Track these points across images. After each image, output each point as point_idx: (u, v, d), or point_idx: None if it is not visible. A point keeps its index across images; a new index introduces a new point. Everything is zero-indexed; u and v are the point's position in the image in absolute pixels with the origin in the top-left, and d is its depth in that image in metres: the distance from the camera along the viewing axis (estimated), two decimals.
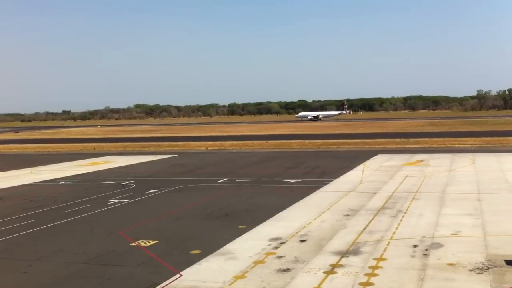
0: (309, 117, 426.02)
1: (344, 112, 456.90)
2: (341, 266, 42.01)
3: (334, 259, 43.85)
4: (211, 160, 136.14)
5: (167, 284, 38.93)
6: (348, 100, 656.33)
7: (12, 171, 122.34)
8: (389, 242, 48.90)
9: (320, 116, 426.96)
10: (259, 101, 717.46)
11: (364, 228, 54.69)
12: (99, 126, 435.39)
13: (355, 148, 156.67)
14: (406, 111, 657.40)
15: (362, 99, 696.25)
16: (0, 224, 62.11)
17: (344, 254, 45.35)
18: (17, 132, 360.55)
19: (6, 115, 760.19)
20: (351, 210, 64.64)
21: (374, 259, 43.55)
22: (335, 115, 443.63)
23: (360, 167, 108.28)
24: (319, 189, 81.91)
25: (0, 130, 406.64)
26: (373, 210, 63.98)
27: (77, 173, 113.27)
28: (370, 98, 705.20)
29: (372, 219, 59.28)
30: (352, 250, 46.44)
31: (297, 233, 53.60)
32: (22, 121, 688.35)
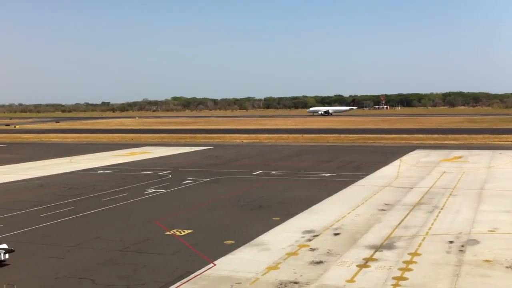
0: (319, 112, 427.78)
1: (354, 107, 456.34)
2: (375, 260, 41.80)
3: (367, 253, 43.66)
4: (246, 152, 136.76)
5: (201, 273, 39.45)
6: (386, 95, 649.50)
7: (53, 159, 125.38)
8: (424, 238, 48.40)
9: (330, 111, 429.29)
10: (295, 95, 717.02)
11: (399, 223, 54.23)
12: (137, 118, 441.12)
13: (392, 143, 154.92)
14: (445, 107, 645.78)
15: (400, 95, 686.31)
16: (40, 211, 63.89)
17: (378, 248, 45.10)
18: (58, 122, 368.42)
19: (47, 105, 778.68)
20: (386, 204, 64.13)
21: (409, 254, 43.19)
22: (345, 110, 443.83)
23: (396, 162, 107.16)
24: (353, 183, 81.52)
25: (42, 120, 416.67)
26: (409, 205, 63.34)
27: (115, 163, 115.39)
28: (408, 94, 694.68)
29: (408, 214, 58.72)
30: (387, 245, 46.14)
31: (330, 226, 53.53)
32: (63, 111, 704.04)
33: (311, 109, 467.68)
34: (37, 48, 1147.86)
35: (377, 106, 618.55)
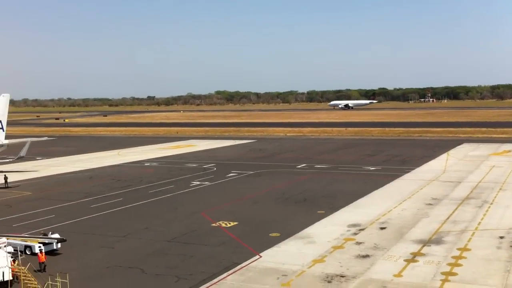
0: (340, 106, 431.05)
1: (374, 101, 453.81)
2: (423, 255, 41.26)
3: (415, 248, 43.13)
4: (289, 145, 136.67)
5: (247, 264, 39.82)
6: (432, 88, 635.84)
7: (101, 152, 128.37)
8: (473, 233, 47.46)
9: (350, 105, 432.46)
10: (339, 88, 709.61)
11: (448, 218, 53.30)
12: (181, 112, 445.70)
13: (439, 136, 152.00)
14: (493, 100, 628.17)
15: (446, 87, 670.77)
16: (90, 202, 65.62)
17: (426, 243, 44.48)
18: (106, 116, 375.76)
19: (95, 99, 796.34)
20: (433, 199, 63.10)
21: (458, 249, 42.46)
22: (366, 104, 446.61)
23: (443, 156, 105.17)
24: (399, 177, 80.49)
25: (90, 114, 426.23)
26: (457, 200, 62.17)
27: (161, 156, 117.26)
28: (455, 86, 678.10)
29: (456, 209, 57.64)
30: (435, 239, 45.47)
31: (377, 220, 53.06)
32: (110, 105, 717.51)
33: (332, 102, 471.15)
34: (85, 45, 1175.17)
35: (422, 99, 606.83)
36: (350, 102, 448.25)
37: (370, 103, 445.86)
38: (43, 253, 40.24)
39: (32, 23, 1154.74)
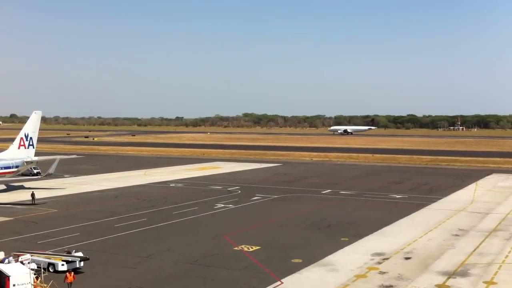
0: (339, 131, 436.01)
1: (373, 127, 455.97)
2: (448, 287, 40.40)
3: (440, 279, 42.26)
4: (315, 170, 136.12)
5: None
6: (462, 116, 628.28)
7: (128, 171, 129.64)
8: (500, 266, 46.36)
9: (349, 130, 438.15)
10: (367, 113, 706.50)
11: (474, 250, 52.23)
12: (209, 133, 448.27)
13: (467, 166, 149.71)
14: None
15: (476, 116, 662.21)
16: (114, 221, 66.12)
17: (451, 274, 43.57)
18: (134, 135, 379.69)
19: (125, 119, 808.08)
20: (460, 230, 61.95)
21: (484, 282, 41.49)
22: (365, 130, 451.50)
23: (471, 186, 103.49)
24: (426, 206, 79.33)
25: (119, 133, 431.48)
26: (485, 232, 60.93)
27: (186, 177, 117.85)
28: (485, 115, 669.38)
29: (483, 240, 56.46)
30: (460, 271, 44.51)
31: (401, 249, 52.24)
32: (139, 125, 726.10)
33: (332, 127, 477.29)
34: (116, 66, 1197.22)
35: (452, 127, 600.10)
36: (349, 128, 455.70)
37: (369, 129, 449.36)
38: (72, 274, 40.16)
39: (66, 44, 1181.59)
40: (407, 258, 48.80)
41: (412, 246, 53.44)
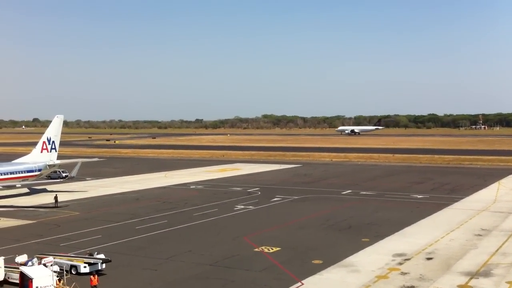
0: (346, 131, 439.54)
1: (380, 127, 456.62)
2: (470, 287, 39.94)
3: (462, 280, 41.81)
4: (335, 171, 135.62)
5: None
6: (483, 115, 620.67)
7: (148, 174, 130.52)
8: None
9: (356, 130, 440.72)
10: (386, 113, 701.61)
11: (497, 250, 51.56)
12: (228, 135, 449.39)
13: (490, 165, 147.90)
14: None
15: (498, 114, 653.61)
16: (135, 223, 66.63)
17: (473, 275, 43.08)
18: (154, 138, 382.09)
19: (145, 122, 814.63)
20: (483, 230, 61.22)
21: (507, 282, 40.92)
22: (372, 130, 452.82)
23: (494, 186, 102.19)
24: (448, 206, 78.54)
25: (139, 136, 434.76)
26: (508, 231, 60.08)
27: (206, 179, 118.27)
28: (508, 113, 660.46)
29: (506, 240, 55.70)
30: (483, 272, 43.99)
31: (423, 250, 51.80)
32: (159, 127, 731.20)
33: (339, 128, 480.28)
34: (136, 71, 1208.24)
35: (474, 126, 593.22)
36: (356, 128, 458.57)
37: (376, 129, 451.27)
38: (96, 276, 40.34)
39: (87, 49, 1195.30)
40: (429, 259, 48.38)
41: (434, 247, 52.96)
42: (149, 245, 54.91)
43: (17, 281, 40.03)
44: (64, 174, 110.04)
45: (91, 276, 40.12)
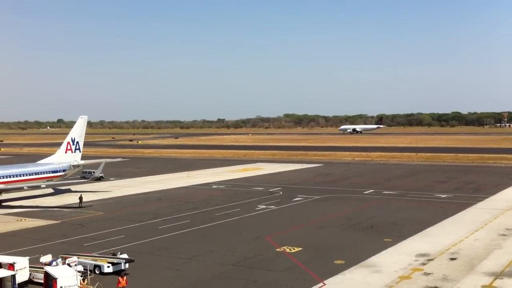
0: (348, 130, 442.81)
1: (382, 126, 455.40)
2: None
3: (486, 280, 41.31)
4: (357, 170, 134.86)
5: None
6: (508, 112, 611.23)
7: (171, 174, 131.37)
8: None
9: (358, 129, 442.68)
10: (410, 112, 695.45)
11: None
12: (250, 134, 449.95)
13: None
14: None
15: None
16: (158, 223, 67.15)
17: (498, 275, 42.53)
18: (177, 138, 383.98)
19: (167, 122, 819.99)
20: (508, 229, 60.33)
21: None
22: (373, 128, 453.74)
23: None
24: (472, 206, 77.58)
25: (162, 136, 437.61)
26: None
27: (228, 178, 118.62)
28: None
29: None
30: (508, 272, 43.38)
31: (446, 250, 51.27)
32: (182, 128, 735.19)
33: (342, 127, 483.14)
34: (159, 72, 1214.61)
35: (498, 124, 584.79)
36: (358, 127, 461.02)
37: (377, 127, 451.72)
38: (124, 278, 40.33)
39: (110, 51, 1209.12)
40: (452, 259, 47.88)
41: (457, 247, 52.39)
42: (171, 245, 55.30)
43: (42, 281, 40.66)
44: (99, 175, 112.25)
45: (119, 278, 40.05)
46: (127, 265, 45.52)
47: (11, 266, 40.29)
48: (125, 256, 46.72)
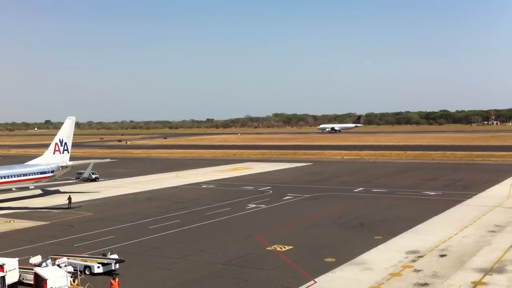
0: (327, 129, 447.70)
1: (360, 125, 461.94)
2: (484, 284, 39.73)
3: (476, 276, 41.59)
4: (347, 169, 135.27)
5: None
6: (496, 110, 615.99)
7: (160, 174, 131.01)
8: None
9: (336, 128, 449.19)
10: (398, 110, 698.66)
11: (511, 246, 51.15)
12: (239, 134, 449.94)
13: (503, 161, 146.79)
14: None
15: (511, 109, 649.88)
16: (148, 223, 66.91)
17: (487, 271, 42.83)
18: (166, 138, 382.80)
19: (156, 122, 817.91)
20: (496, 226, 60.79)
21: None
22: (351, 127, 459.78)
23: (507, 181, 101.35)
24: (461, 203, 78.08)
25: (151, 136, 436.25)
26: None
27: (218, 178, 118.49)
28: None
29: None
30: (497, 268, 43.71)
31: (436, 247, 51.56)
32: (170, 128, 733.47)
33: (321, 126, 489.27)
34: (145, 70, 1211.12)
35: (486, 122, 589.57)
36: (336, 126, 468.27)
37: (355, 126, 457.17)
38: (116, 280, 39.53)
39: (97, 51, 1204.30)
40: (442, 256, 48.17)
41: (447, 243, 52.71)
42: (162, 245, 55.13)
43: (32, 282, 40.38)
44: (94, 176, 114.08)
45: (112, 280, 39.25)
46: (117, 265, 45.31)
47: (0, 268, 39.96)
48: (115, 256, 46.50)
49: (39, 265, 42.63)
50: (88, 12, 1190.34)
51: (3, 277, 38.12)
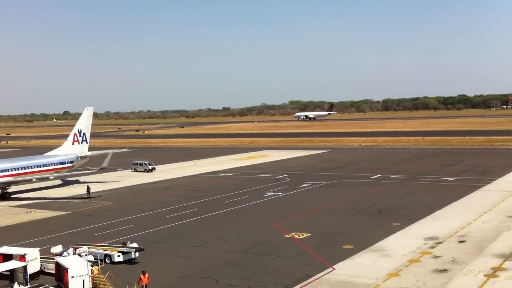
0: (302, 117, 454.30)
1: (332, 113, 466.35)
2: (504, 269, 39.46)
3: (496, 262, 41.33)
4: (364, 155, 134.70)
5: (320, 277, 39.54)
6: None
7: (178, 163, 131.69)
8: None
9: (310, 116, 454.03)
10: (416, 96, 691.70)
11: None
12: (255, 122, 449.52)
13: None
14: None
15: None
16: (167, 212, 67.45)
17: (507, 257, 42.50)
18: (183, 127, 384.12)
19: (173, 111, 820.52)
20: None
21: None
22: (324, 115, 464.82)
23: None
24: (480, 188, 77.44)
25: (168, 126, 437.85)
26: None
27: (235, 166, 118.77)
28: None
29: None
30: None
31: (455, 233, 51.27)
32: (187, 117, 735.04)
33: (297, 114, 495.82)
34: (163, 60, 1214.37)
35: (505, 106, 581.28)
36: (311, 114, 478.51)
37: (328, 114, 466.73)
38: (146, 275, 38.35)
39: (115, 43, 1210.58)
40: (461, 242, 47.90)
41: (466, 229, 52.38)
42: (181, 233, 55.58)
43: (53, 271, 41.01)
44: (150, 167, 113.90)
45: (141, 275, 38.39)
46: (137, 254, 45.79)
47: (22, 257, 40.67)
48: (135, 245, 46.99)
49: (60, 254, 43.29)
50: (106, 3, 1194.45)
51: (25, 267, 38.75)
